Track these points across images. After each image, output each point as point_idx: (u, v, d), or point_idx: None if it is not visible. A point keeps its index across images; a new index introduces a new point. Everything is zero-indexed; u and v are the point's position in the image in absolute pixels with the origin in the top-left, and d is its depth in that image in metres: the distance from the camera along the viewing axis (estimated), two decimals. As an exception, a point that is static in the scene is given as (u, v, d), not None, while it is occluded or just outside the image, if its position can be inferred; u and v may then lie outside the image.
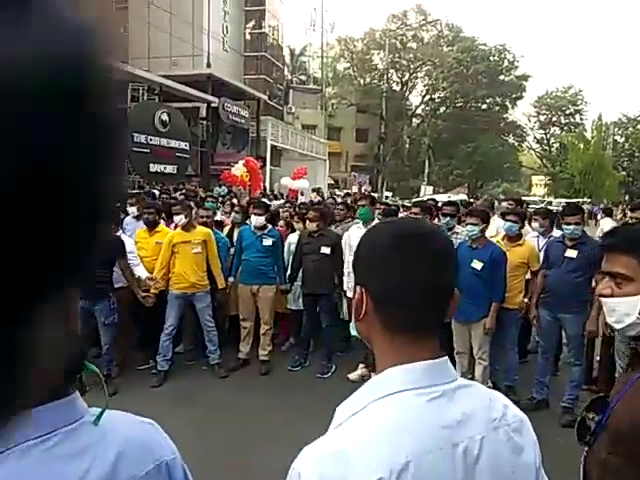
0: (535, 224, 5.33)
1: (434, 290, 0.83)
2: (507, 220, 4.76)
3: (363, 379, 5.02)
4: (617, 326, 1.26)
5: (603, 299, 1.29)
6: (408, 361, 0.80)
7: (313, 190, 16.14)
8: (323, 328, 5.25)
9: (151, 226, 5.39)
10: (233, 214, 6.06)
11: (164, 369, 4.91)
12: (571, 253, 4.21)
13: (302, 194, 16.17)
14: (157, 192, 9.00)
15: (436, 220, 5.50)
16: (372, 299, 0.83)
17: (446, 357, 0.84)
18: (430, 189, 30.76)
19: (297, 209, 6.63)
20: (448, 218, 5.03)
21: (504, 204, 7.37)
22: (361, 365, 5.13)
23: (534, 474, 0.84)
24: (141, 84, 17.64)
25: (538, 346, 4.81)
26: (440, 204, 6.36)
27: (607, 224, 8.40)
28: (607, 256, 1.31)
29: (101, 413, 0.77)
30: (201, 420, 4.12)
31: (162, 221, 5.66)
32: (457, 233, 4.99)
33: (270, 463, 3.57)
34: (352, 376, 5.07)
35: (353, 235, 5.08)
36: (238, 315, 5.47)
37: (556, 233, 5.21)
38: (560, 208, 5.88)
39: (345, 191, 22.39)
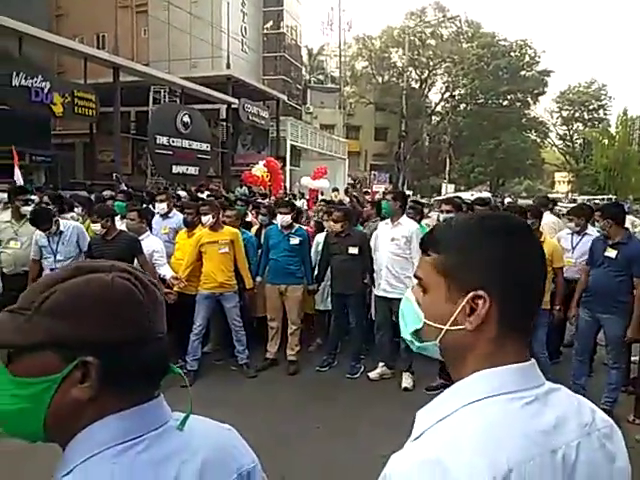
0: (570, 224, 5.18)
1: (543, 289, 0.81)
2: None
3: (383, 378, 5.01)
4: None
5: None
6: (503, 364, 0.76)
7: (333, 190, 16.12)
8: (352, 328, 5.20)
9: (190, 226, 5.41)
10: (260, 216, 6.05)
11: (194, 369, 4.92)
12: (610, 253, 4.09)
13: (322, 194, 16.12)
14: (183, 193, 9.04)
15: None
16: (498, 303, 0.76)
17: (534, 359, 0.79)
18: (452, 187, 30.42)
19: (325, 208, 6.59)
20: None
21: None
22: (381, 364, 5.09)
23: None
24: (162, 86, 17.82)
25: (573, 347, 4.69)
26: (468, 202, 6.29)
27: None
28: None
29: (185, 418, 0.76)
30: (232, 420, 4.08)
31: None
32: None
33: (300, 463, 3.56)
34: (372, 375, 5.04)
35: (381, 232, 5.04)
36: (265, 316, 5.46)
37: (590, 230, 5.08)
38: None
39: (365, 189, 22.31)
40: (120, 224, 5.25)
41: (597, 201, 20.78)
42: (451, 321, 0.78)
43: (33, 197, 7.20)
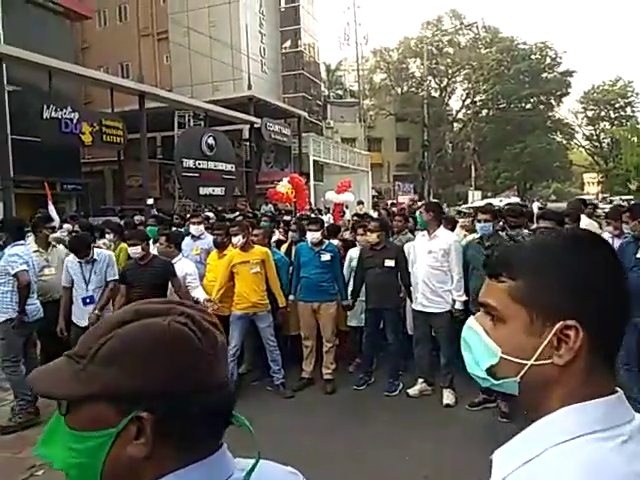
0: (609, 227, 5.00)
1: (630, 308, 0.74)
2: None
3: (422, 394, 4.89)
4: None
5: None
6: (591, 397, 0.68)
7: (358, 203, 16.07)
8: (389, 344, 5.10)
9: (220, 247, 5.44)
10: (290, 233, 6.05)
11: (230, 391, 4.88)
12: None
13: (347, 207, 16.05)
14: (210, 214, 9.14)
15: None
16: (591, 335, 0.69)
17: (621, 391, 0.71)
18: (478, 194, 29.93)
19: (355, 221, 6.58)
20: (517, 230, 4.76)
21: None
22: (420, 380, 4.96)
23: None
24: (186, 111, 18.17)
25: (618, 356, 4.47)
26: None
27: None
28: None
29: (252, 469, 0.71)
30: (271, 443, 4.03)
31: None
32: (523, 238, 4.75)
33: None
34: (411, 392, 4.91)
35: (418, 245, 4.95)
36: (299, 335, 5.41)
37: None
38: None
39: (390, 201, 22.19)
40: (152, 248, 5.31)
41: (633, 201, 20.14)
42: (537, 355, 0.70)
43: (67, 225, 7.38)
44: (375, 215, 9.59)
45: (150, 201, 14.96)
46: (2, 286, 4.35)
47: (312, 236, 5.21)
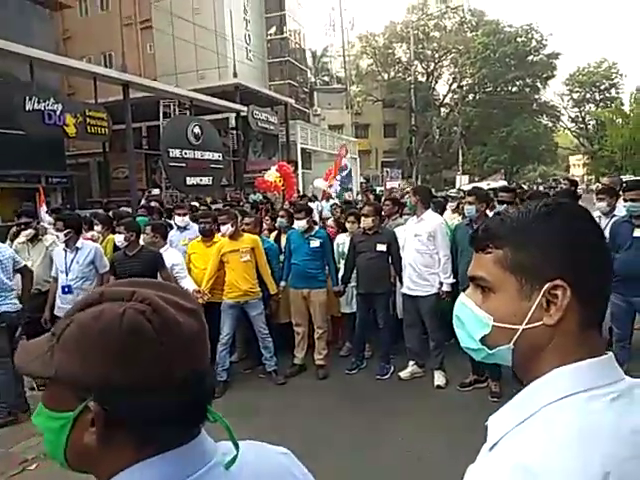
0: (601, 204, 4.98)
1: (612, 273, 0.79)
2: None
3: (414, 377, 4.94)
4: None
5: None
6: (582, 358, 0.70)
7: (346, 190, 16.02)
8: (380, 328, 5.13)
9: (207, 235, 5.42)
10: (278, 219, 6.03)
11: (223, 379, 4.90)
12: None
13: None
14: (197, 204, 9.08)
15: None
16: (577, 294, 0.71)
17: (611, 353, 0.74)
18: (466, 178, 29.92)
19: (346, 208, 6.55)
20: (505, 205, 4.80)
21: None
22: (411, 362, 5.01)
23: None
24: (171, 100, 17.93)
25: (614, 334, 4.51)
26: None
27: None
28: None
29: (233, 459, 0.69)
30: (266, 429, 4.08)
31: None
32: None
33: (339, 467, 3.50)
34: (403, 374, 4.97)
35: (408, 228, 4.97)
36: (290, 322, 5.42)
37: (619, 212, 4.91)
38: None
39: (379, 188, 22.17)
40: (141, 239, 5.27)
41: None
42: (528, 318, 0.72)
43: (49, 218, 7.29)
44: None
45: (156, 191, 15.15)
46: None
47: (298, 224, 5.23)
